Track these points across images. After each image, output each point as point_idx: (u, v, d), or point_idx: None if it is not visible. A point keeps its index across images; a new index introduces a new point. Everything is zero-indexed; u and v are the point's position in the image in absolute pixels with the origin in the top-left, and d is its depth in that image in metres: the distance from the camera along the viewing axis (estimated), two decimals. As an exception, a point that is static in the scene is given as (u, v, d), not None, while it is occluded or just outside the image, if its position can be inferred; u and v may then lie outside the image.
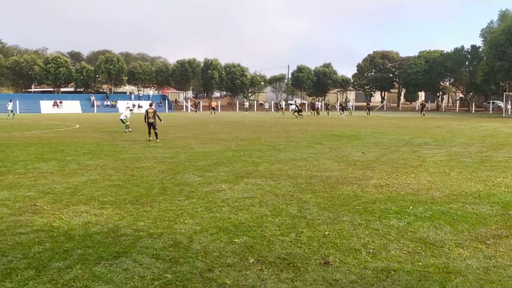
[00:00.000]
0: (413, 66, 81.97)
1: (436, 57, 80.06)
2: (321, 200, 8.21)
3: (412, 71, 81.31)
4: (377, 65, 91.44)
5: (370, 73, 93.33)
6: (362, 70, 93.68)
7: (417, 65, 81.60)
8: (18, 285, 4.44)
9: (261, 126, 32.37)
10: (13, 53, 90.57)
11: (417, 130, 27.29)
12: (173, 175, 10.75)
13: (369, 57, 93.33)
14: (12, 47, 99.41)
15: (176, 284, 4.51)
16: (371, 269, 4.93)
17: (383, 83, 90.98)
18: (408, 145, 18.10)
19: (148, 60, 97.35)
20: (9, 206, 7.65)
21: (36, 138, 20.97)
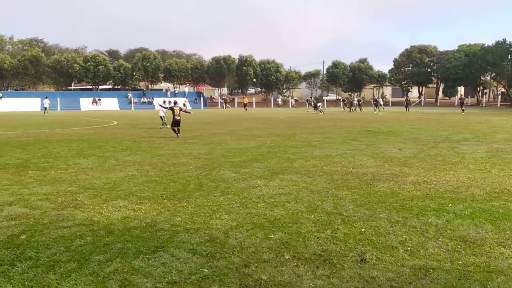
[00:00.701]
0: (452, 60, 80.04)
1: (477, 50, 77.94)
2: (357, 196, 8.13)
3: (451, 65, 79.39)
4: (414, 59, 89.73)
5: (407, 68, 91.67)
6: (399, 65, 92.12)
7: (456, 59, 79.64)
8: (61, 277, 4.58)
9: (296, 122, 32.27)
10: (54, 52, 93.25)
11: (456, 126, 26.66)
12: (209, 171, 10.86)
13: (406, 52, 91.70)
14: (53, 46, 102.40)
15: (213, 278, 4.56)
16: (409, 267, 4.86)
17: (421, 78, 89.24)
18: (447, 141, 17.70)
19: (183, 57, 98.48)
20: (51, 200, 7.89)
21: (77, 135, 21.55)
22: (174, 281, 4.50)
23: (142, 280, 4.52)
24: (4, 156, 13.65)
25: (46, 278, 4.56)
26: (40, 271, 4.73)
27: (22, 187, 9.04)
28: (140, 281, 4.51)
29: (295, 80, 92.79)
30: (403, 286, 4.40)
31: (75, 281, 4.50)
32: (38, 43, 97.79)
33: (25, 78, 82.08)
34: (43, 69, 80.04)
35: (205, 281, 4.51)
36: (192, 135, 20.95)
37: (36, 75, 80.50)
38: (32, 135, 21.32)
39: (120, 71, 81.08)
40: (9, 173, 10.60)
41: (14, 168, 11.38)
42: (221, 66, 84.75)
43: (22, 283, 4.45)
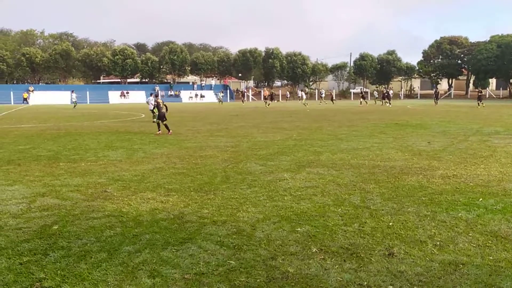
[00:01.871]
0: (483, 52, 78.16)
1: (510, 41, 75.83)
2: (384, 190, 8.05)
3: (483, 56, 77.55)
4: (444, 51, 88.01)
5: (436, 60, 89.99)
6: (428, 56, 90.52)
7: (488, 51, 77.74)
8: (92, 267, 4.68)
9: (323, 115, 32.08)
10: (83, 46, 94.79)
11: (487, 119, 26.08)
12: (235, 164, 10.90)
13: (436, 43, 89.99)
14: (83, 40, 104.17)
15: (240, 270, 4.59)
16: (438, 261, 4.79)
17: (451, 70, 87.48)
18: (478, 135, 17.34)
19: (210, 50, 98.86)
20: (82, 192, 8.06)
21: (105, 127, 21.91)
22: (201, 273, 4.54)
23: (171, 271, 4.58)
24: (36, 148, 13.98)
25: (77, 268, 4.67)
26: (72, 261, 4.85)
27: (54, 178, 9.25)
28: (169, 272, 4.57)
29: (322, 72, 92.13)
30: (432, 281, 4.34)
31: (106, 270, 4.59)
32: (68, 37, 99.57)
33: (56, 72, 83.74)
34: (73, 63, 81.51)
35: (232, 273, 4.55)
36: (218, 128, 21.06)
37: (66, 68, 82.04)
38: (62, 128, 21.77)
39: (147, 64, 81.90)
40: (41, 165, 10.86)
41: (46, 160, 11.65)
42: (248, 59, 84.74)
43: (55, 272, 4.57)
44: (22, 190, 8.21)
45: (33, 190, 8.16)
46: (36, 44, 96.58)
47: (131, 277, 4.44)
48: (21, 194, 7.90)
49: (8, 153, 12.95)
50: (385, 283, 4.31)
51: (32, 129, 21.04)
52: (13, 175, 9.64)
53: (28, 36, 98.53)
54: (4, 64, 76.76)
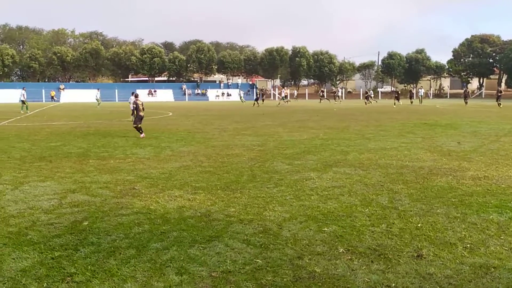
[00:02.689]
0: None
1: (543, 39, 73.81)
2: (413, 191, 7.94)
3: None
4: (475, 49, 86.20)
5: (467, 59, 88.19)
6: (458, 55, 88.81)
7: (520, 49, 75.79)
8: (121, 263, 4.76)
9: (350, 114, 31.82)
10: (112, 45, 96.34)
11: (519, 119, 25.43)
12: (262, 163, 10.91)
13: (466, 42, 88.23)
14: (112, 39, 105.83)
15: (267, 269, 4.60)
16: (469, 264, 4.70)
17: (482, 69, 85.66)
18: (510, 135, 16.93)
19: (237, 49, 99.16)
20: (111, 188, 8.19)
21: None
22: (228, 271, 4.57)
23: (198, 269, 4.62)
24: (67, 145, 14.28)
25: (107, 263, 4.75)
26: (101, 256, 4.93)
27: (84, 175, 9.43)
28: (196, 269, 4.61)
29: (349, 71, 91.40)
30: (462, 284, 4.27)
31: (134, 267, 4.66)
32: (98, 36, 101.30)
33: (86, 70, 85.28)
34: (102, 62, 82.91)
35: (259, 271, 4.56)
36: (244, 127, 21.11)
37: (96, 67, 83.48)
38: (92, 126, 22.16)
39: (175, 63, 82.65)
40: (71, 162, 11.08)
41: (76, 157, 11.88)
42: (274, 57, 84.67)
43: (85, 267, 4.66)
44: (53, 186, 8.40)
45: (64, 187, 8.34)
46: (67, 43, 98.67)
47: (159, 274, 4.49)
48: (52, 190, 8.08)
49: (40, 150, 13.25)
50: (414, 285, 4.25)
51: (63, 127, 21.48)
52: (45, 171, 9.86)
53: (59, 35, 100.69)
54: (36, 62, 78.58)
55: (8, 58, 75.62)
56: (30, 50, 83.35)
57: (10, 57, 76.10)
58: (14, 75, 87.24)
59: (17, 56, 78.71)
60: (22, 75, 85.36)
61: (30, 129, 20.02)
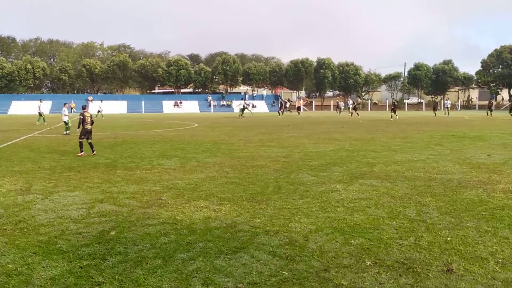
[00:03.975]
0: (547, 61, 74.54)
1: None
2: (442, 204, 7.80)
3: (546, 66, 73.94)
4: (505, 60, 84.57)
5: (496, 70, 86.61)
6: (487, 66, 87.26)
7: (552, 60, 74.08)
8: (148, 273, 4.79)
9: (376, 126, 31.53)
10: (139, 57, 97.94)
11: (551, 131, 24.78)
12: (287, 174, 10.88)
13: (495, 52, 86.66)
14: (139, 51, 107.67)
15: (293, 281, 4.57)
16: (501, 280, 4.58)
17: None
18: (542, 147, 16.49)
19: (262, 61, 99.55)
20: (138, 199, 8.28)
21: (160, 136, 22.45)
22: (254, 282, 4.55)
23: (224, 280, 4.62)
24: (95, 156, 14.51)
25: (134, 273, 4.79)
26: (128, 266, 4.98)
27: (111, 185, 9.56)
28: (222, 280, 4.61)
29: (375, 83, 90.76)
30: (494, 300, 4.16)
31: (161, 277, 4.68)
32: (126, 49, 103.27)
33: (113, 82, 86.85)
34: (129, 74, 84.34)
35: (285, 283, 4.53)
36: (270, 138, 21.11)
37: (123, 79, 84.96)
38: (119, 136, 22.49)
39: (200, 75, 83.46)
40: (99, 172, 11.26)
41: (104, 167, 12.06)
42: (299, 69, 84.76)
43: (113, 276, 4.71)
44: (82, 196, 8.54)
45: (92, 196, 8.47)
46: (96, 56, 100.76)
47: (185, 285, 4.51)
48: (81, 200, 8.21)
49: (69, 160, 13.50)
50: (444, 300, 4.16)
51: (91, 138, 21.83)
52: (73, 181, 10.04)
53: (88, 48, 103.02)
54: (66, 75, 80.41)
55: (39, 70, 77.61)
56: (60, 63, 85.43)
57: (41, 69, 78.09)
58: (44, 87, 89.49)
59: (48, 69, 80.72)
60: (53, 87, 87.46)
61: (60, 140, 20.44)
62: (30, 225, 6.58)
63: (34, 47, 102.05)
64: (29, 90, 79.59)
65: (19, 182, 9.92)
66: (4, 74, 75.40)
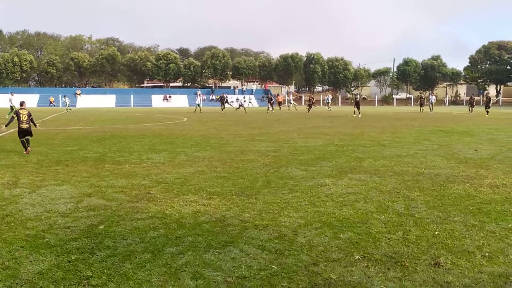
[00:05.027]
0: (534, 57, 75.33)
1: (562, 46, 72.84)
2: (430, 198, 7.86)
3: (533, 62, 74.72)
4: (492, 56, 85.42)
5: (484, 66, 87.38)
6: (475, 62, 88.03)
7: (539, 56, 74.87)
8: (136, 267, 4.78)
9: (365, 121, 31.67)
10: (128, 51, 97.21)
11: (538, 127, 25.06)
12: (276, 169, 10.89)
13: (483, 48, 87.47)
14: (128, 45, 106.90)
15: (282, 275, 4.58)
16: (487, 273, 4.63)
17: (499, 75, 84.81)
18: (528, 143, 16.68)
19: (252, 55, 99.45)
20: (127, 193, 8.24)
21: (149, 131, 22.35)
22: (243, 276, 4.55)
23: (213, 274, 4.61)
24: (83, 149, 14.41)
25: (123, 267, 4.77)
26: (117, 260, 4.96)
27: (100, 179, 9.50)
28: (211, 274, 4.60)
29: (364, 78, 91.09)
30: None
31: (150, 271, 4.67)
32: (114, 42, 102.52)
33: (102, 76, 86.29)
34: (118, 67, 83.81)
35: (274, 277, 4.54)
36: (259, 133, 21.11)
37: (112, 72, 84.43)
38: (108, 130, 22.35)
39: (190, 69, 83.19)
40: (87, 166, 11.18)
41: (92, 161, 11.98)
42: (289, 64, 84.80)
43: (101, 270, 4.68)
44: (70, 190, 8.48)
45: (80, 190, 8.41)
46: (84, 49, 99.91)
47: (174, 278, 4.50)
48: (69, 194, 8.15)
49: (57, 154, 13.39)
50: (431, 293, 4.20)
51: (79, 131, 21.70)
52: (61, 175, 9.96)
53: (76, 41, 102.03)
54: (53, 68, 79.70)
55: (27, 63, 76.82)
56: (48, 56, 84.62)
57: (29, 62, 77.31)
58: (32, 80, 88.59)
59: (35, 62, 79.93)
60: (40, 80, 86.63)
61: (47, 134, 20.25)
62: (17, 219, 6.52)
63: (21, 40, 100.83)
64: (16, 83, 78.75)
65: (5, 176, 9.82)
66: (-9, 67, 74.52)
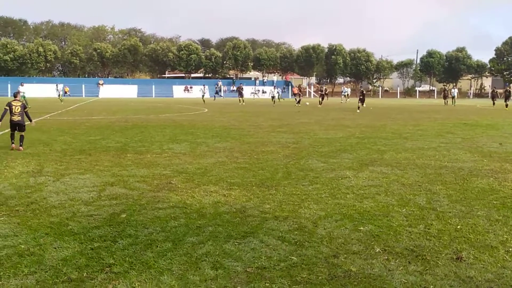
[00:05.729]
0: (562, 49, 73.41)
1: None
2: (452, 192, 7.76)
3: (562, 54, 72.85)
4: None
5: (510, 58, 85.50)
6: (501, 54, 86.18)
7: None
8: (158, 256, 4.83)
9: (387, 113, 31.36)
10: (150, 42, 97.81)
11: None
12: (297, 160, 10.87)
13: (510, 40, 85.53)
14: (150, 36, 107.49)
15: (302, 267, 4.58)
16: (510, 269, 4.56)
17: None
18: (555, 137, 16.31)
19: (273, 46, 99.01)
20: (148, 182, 8.33)
21: (170, 121, 22.49)
22: (263, 267, 4.57)
23: (233, 264, 4.64)
24: (105, 139, 14.59)
25: (144, 255, 4.83)
26: (139, 249, 5.02)
27: (122, 169, 9.61)
28: (231, 264, 4.63)
29: (386, 69, 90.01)
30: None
31: (171, 260, 4.72)
32: (137, 33, 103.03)
33: (124, 66, 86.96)
34: (140, 58, 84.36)
35: (294, 268, 4.54)
36: (280, 124, 21.08)
37: (134, 63, 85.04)
38: (130, 120, 22.57)
39: (211, 59, 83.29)
40: (110, 155, 11.32)
41: (114, 151, 12.13)
42: (310, 55, 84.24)
43: (123, 258, 4.75)
44: (92, 179, 8.60)
45: (102, 179, 8.53)
46: (107, 40, 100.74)
47: (194, 268, 4.54)
48: (91, 182, 8.27)
49: (80, 143, 13.59)
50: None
51: (102, 121, 21.97)
52: (84, 164, 10.11)
53: (99, 31, 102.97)
54: (77, 58, 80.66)
55: (51, 53, 77.90)
56: (71, 46, 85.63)
57: (53, 52, 78.38)
58: (56, 70, 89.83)
59: (59, 52, 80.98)
60: (64, 70, 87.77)
61: (71, 123, 20.56)
62: (42, 207, 6.65)
63: (46, 30, 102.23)
64: (41, 73, 79.94)
65: (31, 164, 10.01)
66: (16, 57, 75.79)
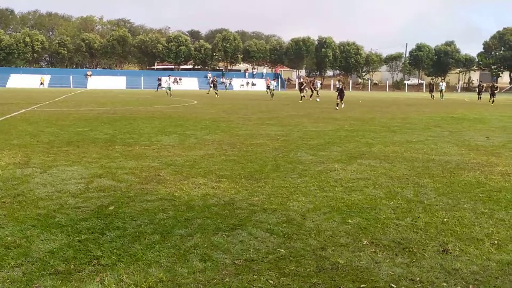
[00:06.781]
0: (550, 44, 74.17)
1: None
2: (439, 185, 7.82)
3: (549, 49, 73.59)
4: (507, 42, 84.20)
5: (498, 52, 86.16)
6: (489, 48, 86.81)
7: (555, 43, 73.69)
8: (146, 248, 4.82)
9: (376, 106, 31.49)
10: (139, 33, 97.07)
11: (551, 115, 24.77)
12: (286, 153, 10.89)
13: (498, 34, 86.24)
14: (139, 27, 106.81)
15: (290, 259, 4.60)
16: (496, 261, 4.62)
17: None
18: (541, 131, 16.50)
19: (263, 39, 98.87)
20: (136, 174, 8.29)
21: (159, 113, 22.39)
22: (252, 259, 4.58)
23: (221, 256, 4.64)
24: (94, 131, 14.49)
25: (132, 248, 4.82)
26: (127, 241, 5.00)
27: (110, 161, 9.56)
28: (219, 256, 4.63)
29: (376, 63, 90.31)
30: (488, 280, 4.20)
31: (159, 252, 4.71)
32: (125, 24, 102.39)
33: (113, 57, 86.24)
34: (129, 49, 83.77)
35: (282, 261, 4.56)
36: (269, 117, 21.08)
37: (123, 54, 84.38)
38: (118, 112, 22.43)
39: (200, 51, 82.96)
40: (98, 147, 11.25)
41: (103, 142, 12.05)
42: (300, 47, 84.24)
43: (111, 251, 4.73)
44: (80, 170, 8.54)
45: (90, 171, 8.47)
46: (95, 30, 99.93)
47: (183, 260, 4.54)
48: (79, 174, 8.22)
49: (67, 135, 13.49)
50: (439, 280, 4.20)
51: (90, 113, 21.81)
52: (72, 156, 10.04)
53: (87, 22, 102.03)
54: (64, 49, 79.89)
55: (38, 44, 77.05)
56: (59, 37, 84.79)
57: (40, 43, 77.54)
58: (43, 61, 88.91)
59: (47, 42, 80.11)
60: (51, 61, 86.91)
61: (58, 114, 20.38)
62: (28, 199, 6.59)
63: (33, 20, 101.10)
64: (28, 63, 79.12)
65: (17, 156, 9.91)
66: (2, 47, 74.91)
